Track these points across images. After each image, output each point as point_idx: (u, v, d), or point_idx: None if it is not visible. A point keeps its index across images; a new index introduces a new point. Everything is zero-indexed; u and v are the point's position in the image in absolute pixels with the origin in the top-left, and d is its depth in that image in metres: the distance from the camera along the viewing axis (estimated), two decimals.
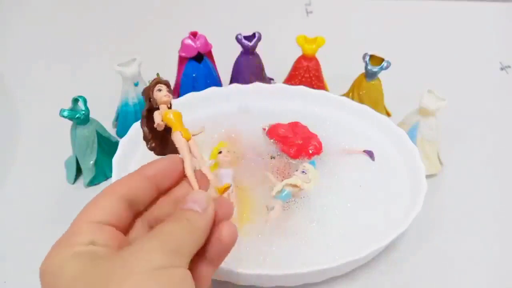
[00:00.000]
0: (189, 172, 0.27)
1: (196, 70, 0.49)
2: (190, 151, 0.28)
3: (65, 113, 0.39)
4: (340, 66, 0.52)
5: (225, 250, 0.25)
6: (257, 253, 0.35)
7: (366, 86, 0.47)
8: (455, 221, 0.41)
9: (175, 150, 0.28)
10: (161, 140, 0.30)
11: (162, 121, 0.28)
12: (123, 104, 0.46)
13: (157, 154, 0.30)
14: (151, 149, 0.30)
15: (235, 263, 0.32)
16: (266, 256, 0.34)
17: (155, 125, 0.28)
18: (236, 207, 0.36)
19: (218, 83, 0.52)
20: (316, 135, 0.43)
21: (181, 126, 0.28)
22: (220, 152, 0.40)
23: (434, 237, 0.39)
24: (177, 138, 0.28)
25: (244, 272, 0.31)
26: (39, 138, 0.49)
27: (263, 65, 0.52)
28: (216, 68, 0.52)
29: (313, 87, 0.49)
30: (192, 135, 0.29)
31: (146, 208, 0.26)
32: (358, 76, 0.49)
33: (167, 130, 0.29)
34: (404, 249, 0.38)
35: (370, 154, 0.42)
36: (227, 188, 0.28)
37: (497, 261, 0.38)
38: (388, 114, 0.50)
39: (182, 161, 0.27)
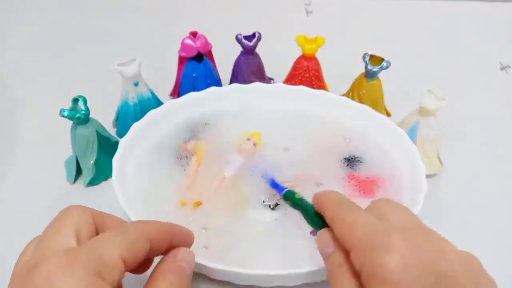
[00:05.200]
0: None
1: (196, 70, 0.49)
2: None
3: (65, 113, 0.39)
4: (340, 66, 0.52)
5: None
6: (258, 252, 0.35)
7: (366, 86, 0.47)
8: (455, 221, 0.41)
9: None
10: None
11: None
12: (123, 104, 0.46)
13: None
14: None
15: (235, 263, 0.32)
16: (267, 255, 0.35)
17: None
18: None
19: (218, 83, 0.52)
20: None
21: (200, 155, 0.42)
22: (248, 139, 0.42)
23: None
24: (192, 161, 0.41)
25: (244, 272, 0.31)
26: (39, 138, 0.49)
27: (263, 65, 0.52)
28: (216, 68, 0.52)
29: (313, 87, 0.49)
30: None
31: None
32: (358, 76, 0.49)
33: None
34: None
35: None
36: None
37: (498, 261, 0.38)
38: (388, 114, 0.50)
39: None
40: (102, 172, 0.43)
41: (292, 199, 0.33)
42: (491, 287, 0.24)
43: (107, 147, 0.43)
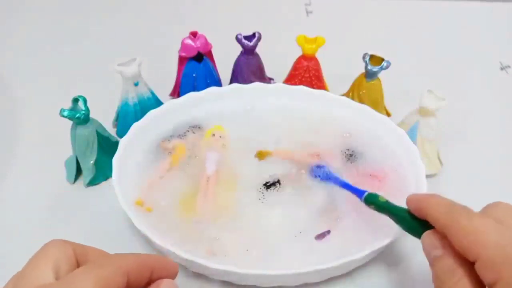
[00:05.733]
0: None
1: (196, 70, 0.49)
2: None
3: (65, 113, 0.39)
4: (340, 66, 0.52)
5: None
6: (257, 252, 0.35)
7: (366, 86, 0.47)
8: None
9: None
10: None
11: None
12: (123, 104, 0.46)
13: None
14: None
15: (235, 263, 0.32)
16: (266, 255, 0.35)
17: None
18: (214, 194, 0.39)
19: (218, 83, 0.52)
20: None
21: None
22: (213, 135, 0.43)
23: None
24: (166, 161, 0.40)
25: (244, 272, 0.31)
26: (39, 138, 0.49)
27: (263, 65, 0.51)
28: (216, 68, 0.52)
29: (313, 87, 0.49)
30: None
31: None
32: (358, 76, 0.49)
33: None
34: (404, 248, 0.38)
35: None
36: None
37: None
38: (388, 114, 0.50)
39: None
40: (102, 172, 0.43)
41: (376, 203, 0.33)
42: None
43: (107, 147, 0.43)
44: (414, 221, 0.29)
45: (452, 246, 0.25)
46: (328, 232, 0.36)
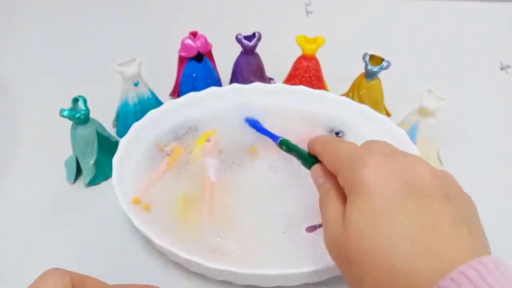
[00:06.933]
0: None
1: (196, 70, 0.49)
2: None
3: (65, 113, 0.39)
4: (340, 66, 0.52)
5: None
6: (256, 251, 0.35)
7: (366, 86, 0.47)
8: None
9: None
10: None
11: None
12: (123, 104, 0.46)
13: None
14: None
15: (235, 263, 0.32)
16: (266, 254, 0.35)
17: None
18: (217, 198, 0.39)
19: (218, 83, 0.52)
20: None
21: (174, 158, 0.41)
22: (208, 140, 0.43)
23: None
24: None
25: (244, 272, 0.31)
26: (39, 138, 0.49)
27: (263, 65, 0.52)
28: (216, 68, 0.52)
29: (313, 87, 0.49)
30: None
31: None
32: (358, 76, 0.49)
33: None
34: None
35: None
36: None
37: None
38: (388, 114, 0.50)
39: None
40: (102, 172, 0.43)
41: (287, 145, 0.38)
42: (463, 198, 0.27)
43: (107, 147, 0.43)
44: (312, 159, 0.33)
45: (332, 174, 0.29)
46: (320, 225, 0.36)
